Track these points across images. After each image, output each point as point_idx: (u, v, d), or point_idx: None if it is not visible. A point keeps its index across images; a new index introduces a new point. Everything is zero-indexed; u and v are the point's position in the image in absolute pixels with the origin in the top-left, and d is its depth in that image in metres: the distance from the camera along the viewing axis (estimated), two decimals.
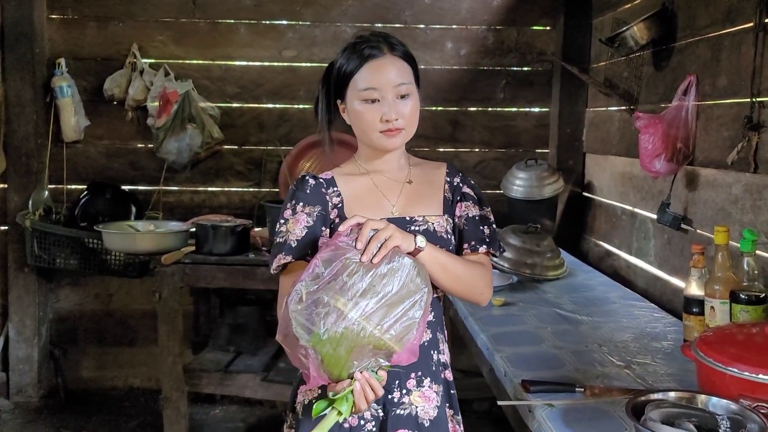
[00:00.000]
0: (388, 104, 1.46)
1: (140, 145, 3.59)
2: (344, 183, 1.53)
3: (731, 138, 2.10)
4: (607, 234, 3.20)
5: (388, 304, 1.21)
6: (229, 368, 3.15)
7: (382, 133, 1.47)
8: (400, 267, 1.24)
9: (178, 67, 3.53)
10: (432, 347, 1.50)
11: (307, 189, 1.50)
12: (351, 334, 1.19)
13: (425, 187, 1.57)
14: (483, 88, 3.66)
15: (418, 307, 1.24)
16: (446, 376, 1.53)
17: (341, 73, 1.50)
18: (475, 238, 1.54)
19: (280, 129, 3.62)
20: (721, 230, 1.79)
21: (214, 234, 2.93)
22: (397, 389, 1.44)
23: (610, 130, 3.18)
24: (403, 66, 1.50)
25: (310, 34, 3.59)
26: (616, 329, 2.14)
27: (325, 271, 1.22)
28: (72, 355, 3.67)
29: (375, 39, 1.50)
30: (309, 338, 1.19)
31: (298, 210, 1.48)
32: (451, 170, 1.62)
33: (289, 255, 1.44)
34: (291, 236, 1.45)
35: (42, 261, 3.30)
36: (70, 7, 3.50)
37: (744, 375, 1.35)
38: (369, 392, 1.24)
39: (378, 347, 1.21)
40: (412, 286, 1.24)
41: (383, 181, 1.55)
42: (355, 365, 1.22)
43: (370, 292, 1.20)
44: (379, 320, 1.20)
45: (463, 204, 1.57)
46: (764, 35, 1.94)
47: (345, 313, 1.18)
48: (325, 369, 1.21)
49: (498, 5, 3.61)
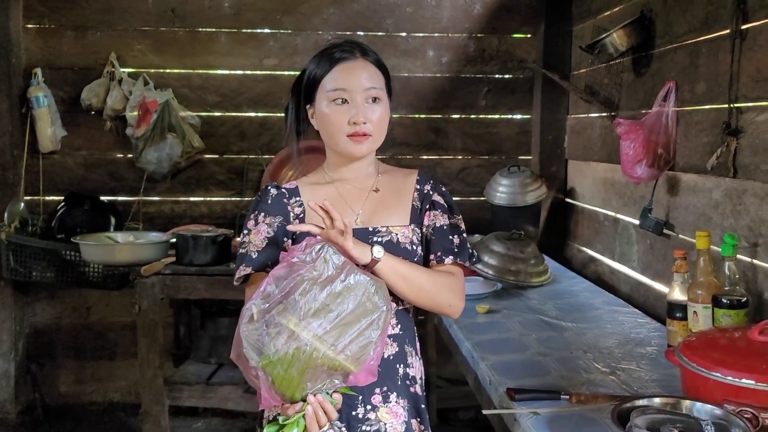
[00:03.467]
0: (356, 106, 1.43)
1: (119, 155, 3.54)
2: (308, 192, 1.50)
3: (711, 143, 2.11)
4: (590, 240, 3.21)
5: (343, 323, 1.17)
6: (211, 380, 3.10)
7: (349, 138, 1.44)
8: (356, 285, 1.19)
9: (158, 76, 3.50)
10: (398, 361, 1.45)
11: (269, 200, 1.48)
12: (303, 355, 1.15)
13: (392, 196, 1.53)
14: (465, 96, 3.67)
15: (375, 326, 1.20)
16: (415, 390, 1.48)
17: (311, 77, 1.49)
18: (441, 248, 1.49)
19: (261, 137, 3.60)
20: (703, 235, 1.80)
21: (195, 244, 2.89)
22: (360, 405, 1.40)
23: (592, 137, 3.20)
24: (375, 72, 1.49)
25: (291, 42, 3.57)
26: (601, 335, 2.14)
27: (276, 289, 1.18)
28: (50, 370, 3.59)
29: (347, 44, 1.50)
30: (259, 360, 1.15)
31: (259, 221, 1.46)
32: (423, 177, 1.57)
33: (249, 266, 1.42)
34: (252, 247, 1.43)
35: (18, 274, 3.23)
36: (47, 17, 3.45)
37: (727, 380, 1.34)
38: (321, 416, 1.21)
39: (333, 368, 1.18)
40: (369, 305, 1.20)
41: (348, 190, 1.51)
42: (308, 387, 1.18)
43: (324, 311, 1.16)
44: (334, 340, 1.16)
45: (432, 213, 1.51)
46: (741, 42, 1.96)
47: (296, 333, 1.14)
48: (276, 391, 1.18)
49: (479, 13, 3.63)
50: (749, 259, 1.92)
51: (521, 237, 2.85)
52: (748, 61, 1.94)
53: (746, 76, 1.94)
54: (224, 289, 2.92)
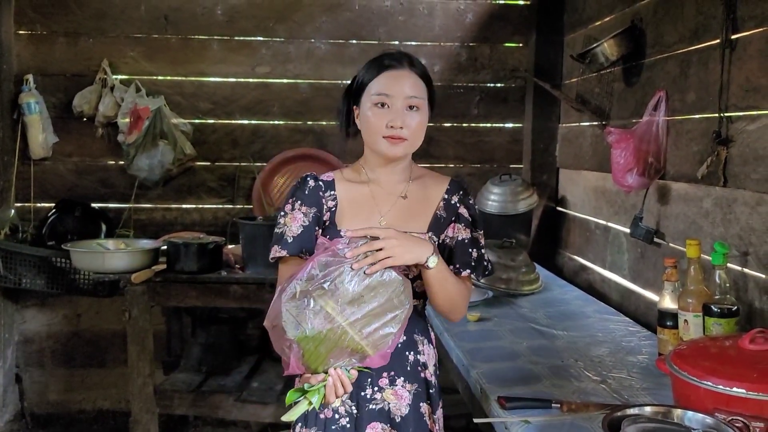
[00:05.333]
0: (396, 111, 1.54)
1: (111, 162, 3.53)
2: (343, 188, 1.62)
3: (701, 152, 2.12)
4: (582, 248, 3.22)
5: (372, 314, 1.32)
6: (202, 388, 3.09)
7: (386, 139, 1.55)
8: (389, 282, 1.35)
9: (150, 83, 3.49)
10: (408, 348, 1.59)
11: (306, 190, 1.61)
12: (334, 336, 1.30)
13: (418, 204, 1.63)
14: (457, 105, 3.68)
15: (397, 321, 1.34)
16: (425, 375, 1.61)
17: (360, 81, 1.60)
18: (461, 261, 1.60)
19: (253, 145, 3.59)
20: (693, 243, 1.81)
21: (186, 251, 2.88)
22: (369, 386, 1.55)
23: (583, 146, 3.21)
24: (418, 82, 1.58)
25: (283, 50, 3.58)
26: (592, 343, 2.14)
27: (320, 273, 1.32)
28: (38, 378, 3.56)
29: (398, 54, 1.61)
30: (296, 333, 1.29)
31: (296, 207, 1.59)
32: (453, 187, 1.67)
33: (284, 250, 1.56)
34: (288, 231, 1.57)
35: (8, 281, 3.19)
36: (39, 23, 3.44)
37: (718, 388, 1.34)
38: (339, 388, 1.34)
39: (355, 350, 1.33)
40: (396, 301, 1.35)
41: (380, 193, 1.62)
42: (331, 362, 1.33)
43: (359, 301, 1.31)
44: (361, 327, 1.31)
45: (456, 226, 1.62)
46: (731, 52, 1.97)
47: (332, 316, 1.29)
48: (304, 362, 1.32)
49: (471, 22, 3.64)
50: (739, 267, 1.93)
51: (512, 245, 2.86)
52: (738, 71, 1.95)
53: (736, 86, 1.96)
54: (215, 296, 2.91)
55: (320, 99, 3.59)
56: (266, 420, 3.00)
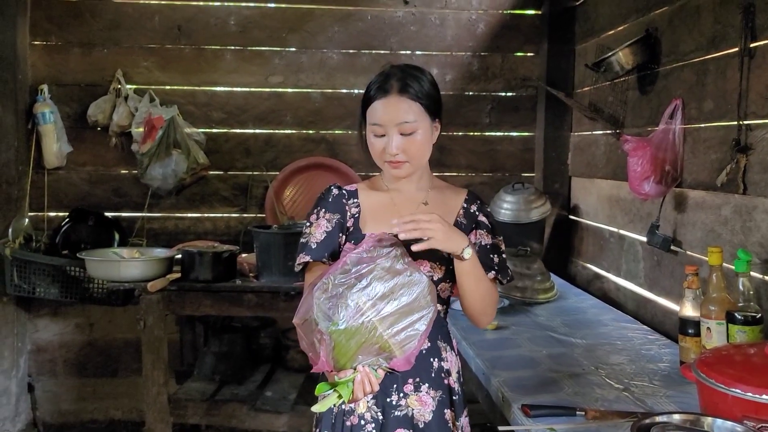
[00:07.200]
0: (390, 139, 1.58)
1: (124, 171, 3.54)
2: (366, 196, 1.68)
3: (719, 160, 2.12)
4: (595, 256, 3.21)
5: (401, 312, 1.34)
6: (216, 397, 3.08)
7: (387, 163, 1.61)
8: (418, 282, 1.37)
9: (164, 92, 3.51)
10: (432, 355, 1.61)
11: (330, 198, 1.66)
12: (364, 330, 1.31)
13: (439, 210, 1.64)
14: (469, 113, 3.69)
15: (423, 321, 1.37)
16: (449, 382, 1.63)
17: (363, 101, 1.64)
18: (485, 265, 1.62)
19: (266, 154, 3.60)
20: (715, 251, 1.80)
21: (201, 260, 2.88)
22: (395, 392, 1.57)
23: (596, 154, 3.21)
24: (411, 105, 1.59)
25: (296, 60, 3.60)
26: (611, 351, 2.13)
27: (353, 269, 1.35)
28: (51, 387, 3.56)
29: (392, 75, 1.60)
30: (328, 325, 1.31)
31: (320, 215, 1.64)
32: (471, 197, 1.72)
33: (308, 255, 1.60)
34: (312, 239, 1.62)
35: (22, 290, 3.21)
36: (54, 34, 3.47)
37: (747, 396, 1.34)
38: (367, 385, 1.35)
39: (383, 348, 1.34)
40: (423, 301, 1.37)
41: (401, 200, 1.67)
42: (359, 359, 1.34)
43: (389, 297, 1.33)
44: (390, 324, 1.33)
45: (478, 232, 1.67)
46: (750, 60, 1.98)
47: (364, 311, 1.31)
48: (333, 356, 1.33)
49: (482, 32, 3.66)
50: (760, 275, 1.92)
51: (527, 253, 2.85)
52: (757, 79, 1.96)
53: (755, 94, 1.96)
54: (230, 305, 2.91)
55: (332, 108, 3.61)
56: (281, 429, 2.99)
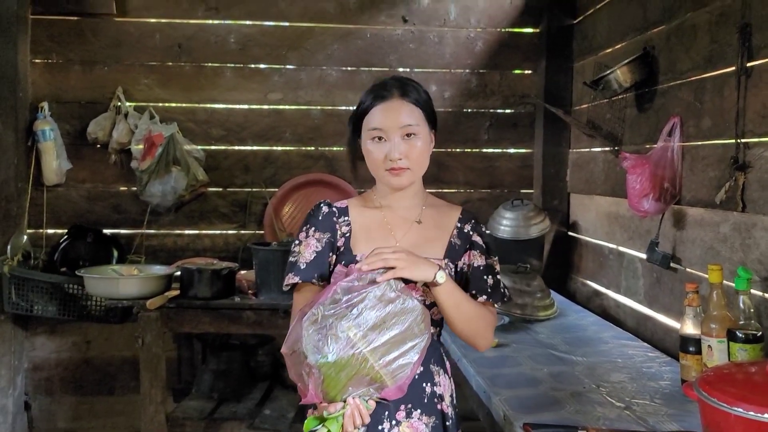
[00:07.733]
0: (392, 143, 1.54)
1: (123, 188, 3.54)
2: (357, 214, 1.63)
3: (717, 178, 2.13)
4: (595, 273, 3.21)
5: (393, 341, 1.31)
6: (214, 416, 3.06)
7: (387, 172, 1.56)
8: (411, 310, 1.34)
9: (163, 110, 3.52)
10: (424, 380, 1.56)
11: (320, 216, 1.61)
12: (355, 362, 1.28)
13: (433, 230, 1.62)
14: (467, 130, 3.70)
15: (416, 350, 1.34)
16: (442, 407, 1.58)
17: (358, 114, 1.60)
18: (477, 287, 1.59)
19: (265, 171, 3.61)
20: (715, 269, 1.80)
21: (199, 277, 2.88)
22: (386, 420, 1.51)
23: (595, 171, 3.23)
24: (412, 110, 1.57)
25: (295, 77, 3.62)
26: (612, 369, 2.13)
27: (343, 298, 1.31)
28: (47, 405, 3.53)
29: (390, 83, 1.59)
30: (317, 358, 1.28)
31: (310, 234, 1.59)
32: (465, 216, 1.67)
33: (297, 276, 1.56)
34: (301, 258, 1.57)
35: (20, 308, 3.19)
36: (54, 51, 3.48)
37: (749, 415, 1.33)
38: (357, 418, 1.33)
39: (374, 379, 1.31)
40: (416, 329, 1.34)
41: (394, 218, 1.63)
42: (350, 391, 1.32)
43: (381, 327, 1.30)
44: (381, 355, 1.30)
45: (471, 253, 1.62)
46: (747, 78, 1.99)
47: (354, 342, 1.28)
48: (323, 389, 1.31)
49: (481, 50, 3.69)
50: (760, 293, 1.92)
51: (527, 270, 2.85)
52: (754, 98, 1.97)
53: (752, 112, 1.98)
54: (229, 322, 2.90)
55: (332, 125, 3.62)
56: None
